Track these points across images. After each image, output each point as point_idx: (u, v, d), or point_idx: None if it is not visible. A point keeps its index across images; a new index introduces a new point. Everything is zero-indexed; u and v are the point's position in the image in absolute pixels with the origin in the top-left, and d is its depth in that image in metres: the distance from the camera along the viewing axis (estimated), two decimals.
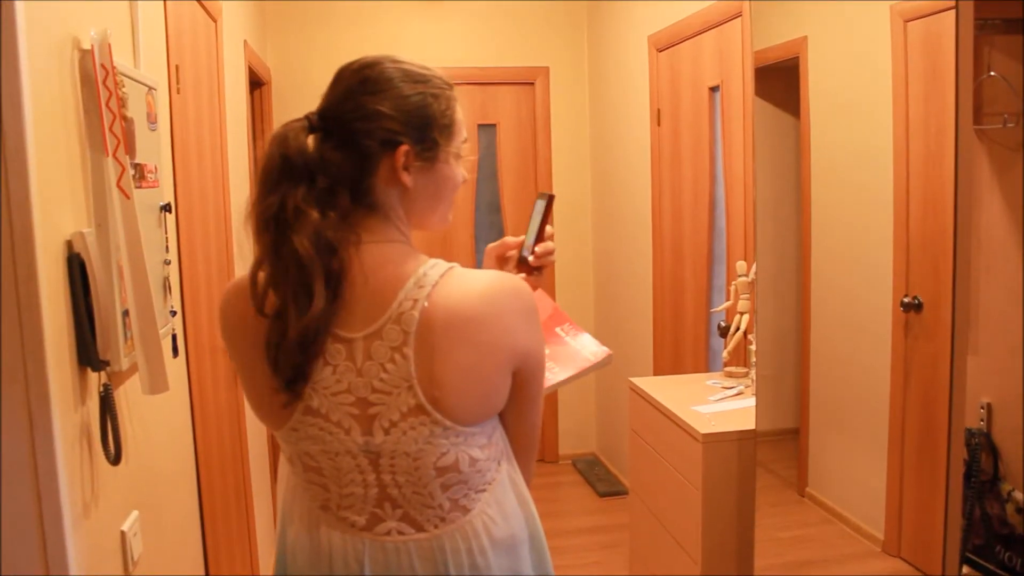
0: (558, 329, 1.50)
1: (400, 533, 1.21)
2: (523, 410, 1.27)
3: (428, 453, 1.16)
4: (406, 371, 1.12)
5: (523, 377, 1.22)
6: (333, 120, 1.17)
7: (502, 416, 1.27)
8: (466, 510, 1.23)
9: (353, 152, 1.16)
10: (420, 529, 1.21)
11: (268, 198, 1.11)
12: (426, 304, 1.12)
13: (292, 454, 1.22)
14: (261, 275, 1.12)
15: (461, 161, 1.28)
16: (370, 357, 1.13)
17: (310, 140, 1.16)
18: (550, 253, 1.41)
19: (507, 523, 1.26)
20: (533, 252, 1.39)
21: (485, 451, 1.22)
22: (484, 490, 1.24)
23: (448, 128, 1.24)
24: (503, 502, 1.27)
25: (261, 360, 1.12)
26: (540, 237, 1.41)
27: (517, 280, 1.21)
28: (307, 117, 1.17)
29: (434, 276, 1.15)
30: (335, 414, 1.15)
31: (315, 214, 1.11)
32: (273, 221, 1.11)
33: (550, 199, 1.43)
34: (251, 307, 1.12)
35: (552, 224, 1.44)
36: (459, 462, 1.18)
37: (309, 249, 1.09)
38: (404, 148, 1.17)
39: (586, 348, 1.46)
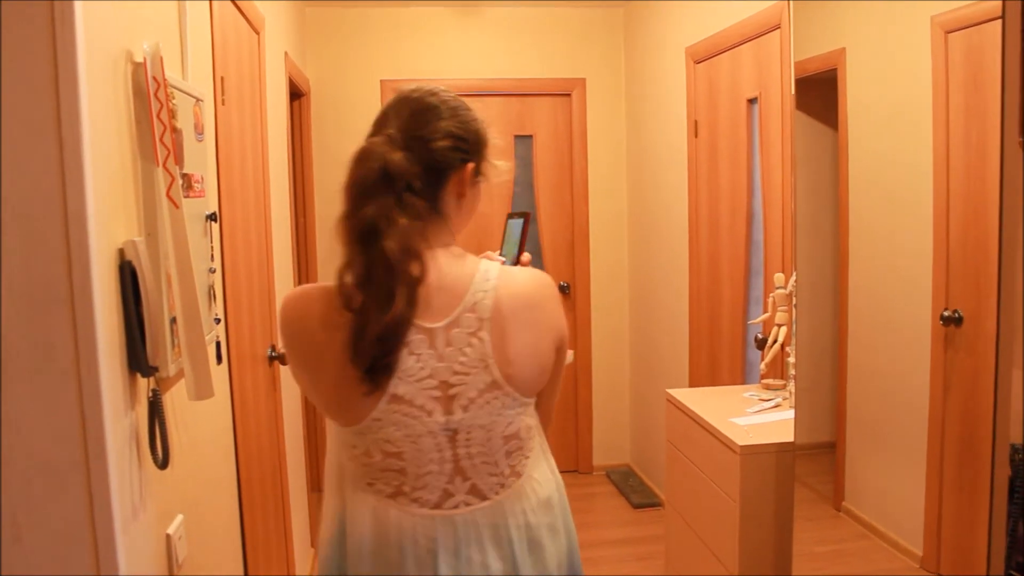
0: None
1: (467, 504, 1.35)
2: (554, 383, 1.46)
3: (498, 424, 1.33)
4: (483, 352, 1.29)
5: (559, 354, 1.41)
6: (413, 139, 1.32)
7: None
8: (519, 475, 1.39)
9: (431, 167, 1.32)
10: (484, 498, 1.35)
11: (364, 208, 1.24)
12: (495, 294, 1.31)
13: (369, 445, 1.31)
14: (347, 277, 1.24)
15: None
16: (450, 343, 1.29)
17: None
18: (528, 264, 1.57)
19: (545, 484, 1.43)
20: (519, 262, 1.55)
21: (533, 419, 1.41)
22: (529, 456, 1.41)
23: (489, 152, 1.42)
24: (541, 466, 1.44)
25: (338, 358, 1.24)
26: (522, 249, 1.57)
27: (548, 275, 1.42)
28: (388, 136, 1.31)
29: (494, 271, 1.34)
30: (419, 399, 1.28)
31: (404, 221, 1.25)
32: (368, 228, 1.23)
33: (527, 217, 1.59)
34: (326, 310, 1.25)
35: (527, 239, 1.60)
36: (520, 430, 1.37)
37: (397, 253, 1.23)
38: (471, 165, 1.36)
39: None
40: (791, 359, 2.79)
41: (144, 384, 1.41)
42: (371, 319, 1.21)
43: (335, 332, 1.24)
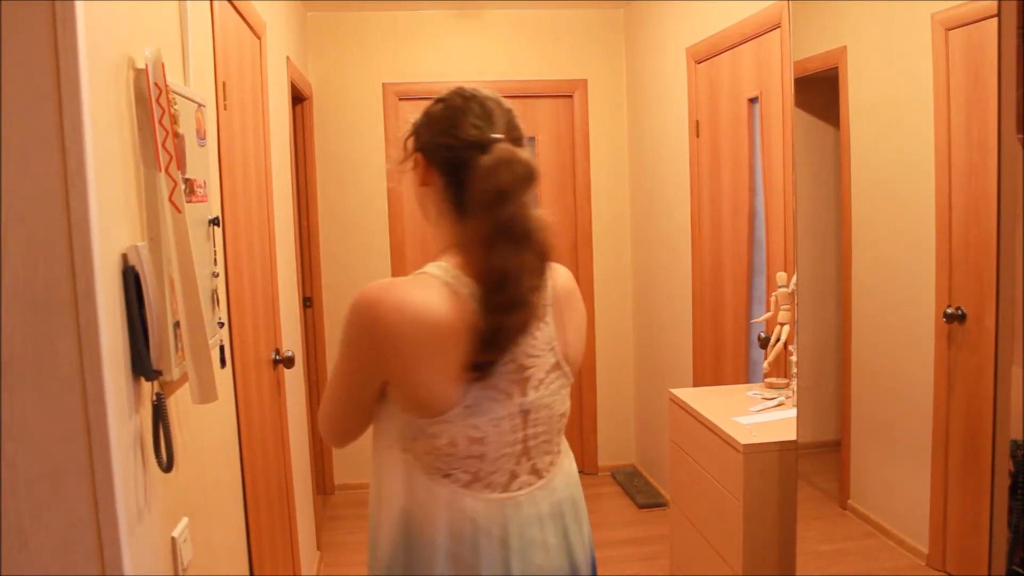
0: None
1: (528, 484, 1.42)
2: None
3: (556, 403, 1.43)
4: (549, 336, 1.40)
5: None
6: (519, 141, 1.40)
7: None
8: (560, 452, 1.50)
9: None
10: (540, 476, 1.44)
11: (524, 209, 1.32)
12: (552, 282, 1.43)
13: (455, 433, 1.33)
14: (505, 274, 1.30)
15: None
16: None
17: None
18: None
19: (572, 460, 1.55)
20: None
21: None
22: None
23: None
24: (567, 443, 1.55)
25: (443, 352, 1.29)
26: None
27: None
28: (513, 139, 1.38)
29: None
30: (502, 382, 1.35)
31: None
32: (526, 229, 1.32)
33: None
34: (435, 303, 1.29)
35: None
36: (568, 407, 1.48)
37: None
38: None
39: None
40: (794, 357, 2.79)
41: (148, 388, 1.42)
42: (517, 314, 1.31)
43: (450, 323, 1.29)
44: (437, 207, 1.41)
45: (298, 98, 4.30)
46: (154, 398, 1.42)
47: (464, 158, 1.34)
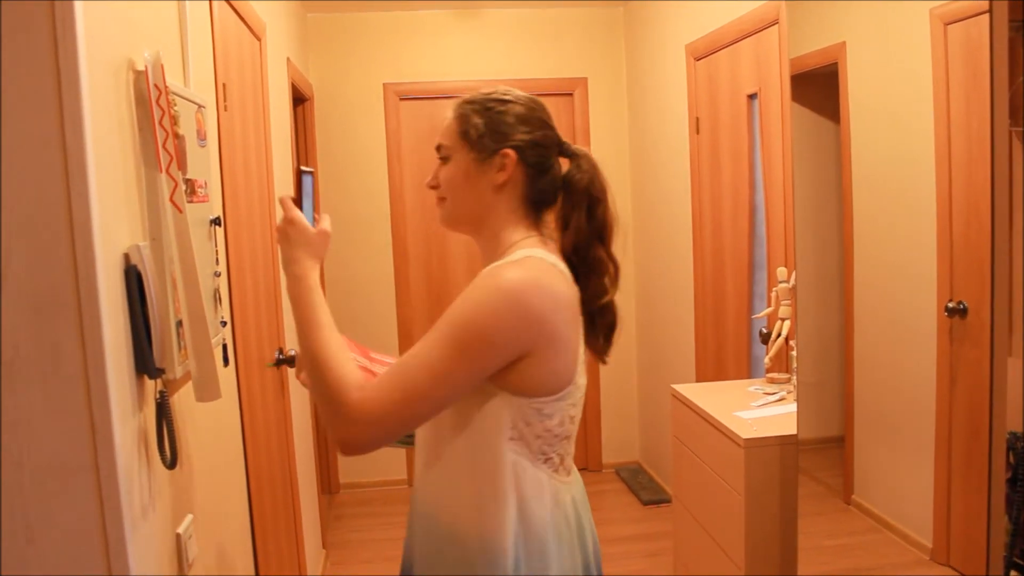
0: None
1: (574, 465, 1.50)
2: None
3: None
4: (582, 322, 1.46)
5: None
6: None
7: None
8: None
9: None
10: (572, 456, 1.50)
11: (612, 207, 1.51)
12: None
13: (563, 411, 1.40)
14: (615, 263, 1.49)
15: None
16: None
17: None
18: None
19: None
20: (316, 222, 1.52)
21: None
22: None
23: None
24: None
25: (572, 328, 1.39)
26: (317, 209, 1.53)
27: None
28: None
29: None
30: (581, 361, 1.43)
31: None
32: (613, 223, 1.51)
33: (314, 174, 1.55)
34: (564, 286, 1.38)
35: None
36: None
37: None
38: None
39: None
40: (795, 352, 2.80)
41: (151, 386, 1.43)
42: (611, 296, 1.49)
43: (571, 301, 1.39)
44: (512, 202, 1.47)
45: (299, 99, 4.31)
46: (157, 396, 1.43)
47: (551, 157, 1.51)
